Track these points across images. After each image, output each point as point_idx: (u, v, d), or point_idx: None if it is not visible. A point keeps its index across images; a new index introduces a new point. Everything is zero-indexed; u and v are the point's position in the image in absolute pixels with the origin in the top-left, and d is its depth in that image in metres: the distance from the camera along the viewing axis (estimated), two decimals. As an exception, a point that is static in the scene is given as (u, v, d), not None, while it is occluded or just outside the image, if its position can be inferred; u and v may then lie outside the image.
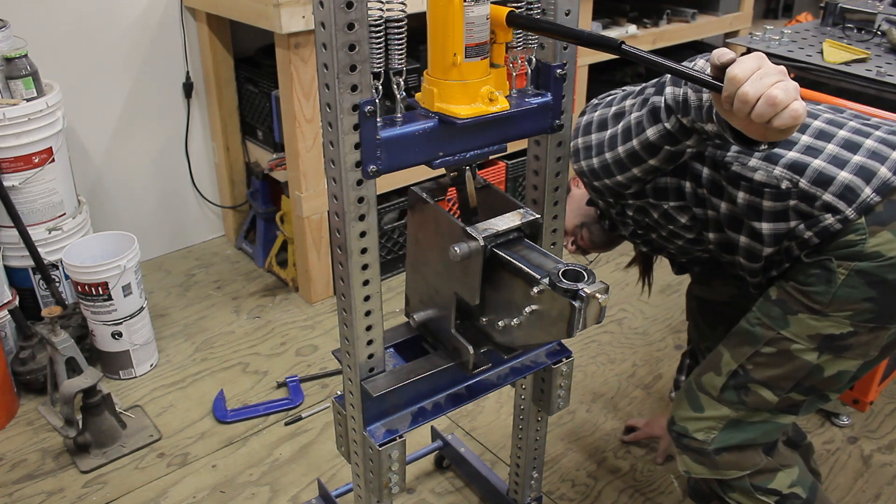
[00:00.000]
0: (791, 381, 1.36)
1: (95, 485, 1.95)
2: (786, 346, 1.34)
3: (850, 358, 1.33)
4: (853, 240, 1.26)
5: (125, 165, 2.77)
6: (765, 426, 1.41)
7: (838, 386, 1.37)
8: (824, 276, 1.29)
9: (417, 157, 1.07)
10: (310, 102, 2.38)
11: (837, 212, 1.26)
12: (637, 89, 1.35)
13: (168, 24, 2.67)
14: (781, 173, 1.29)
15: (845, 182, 1.26)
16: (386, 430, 1.24)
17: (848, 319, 1.29)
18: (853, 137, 1.31)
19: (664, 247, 1.58)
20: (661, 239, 1.55)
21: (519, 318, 1.11)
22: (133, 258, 2.21)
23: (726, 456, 1.43)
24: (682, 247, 1.53)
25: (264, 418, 2.17)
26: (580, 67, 3.03)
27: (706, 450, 1.43)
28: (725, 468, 1.44)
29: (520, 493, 1.70)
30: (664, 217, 1.46)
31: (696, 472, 1.48)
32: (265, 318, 2.62)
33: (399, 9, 1.00)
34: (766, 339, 1.36)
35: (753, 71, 0.93)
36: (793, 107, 0.92)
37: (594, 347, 2.48)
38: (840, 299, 1.28)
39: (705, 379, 1.45)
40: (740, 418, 1.41)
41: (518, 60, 1.12)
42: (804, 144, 1.31)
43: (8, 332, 2.26)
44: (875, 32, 2.29)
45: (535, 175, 1.31)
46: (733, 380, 1.40)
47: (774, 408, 1.39)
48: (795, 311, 1.33)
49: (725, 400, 1.41)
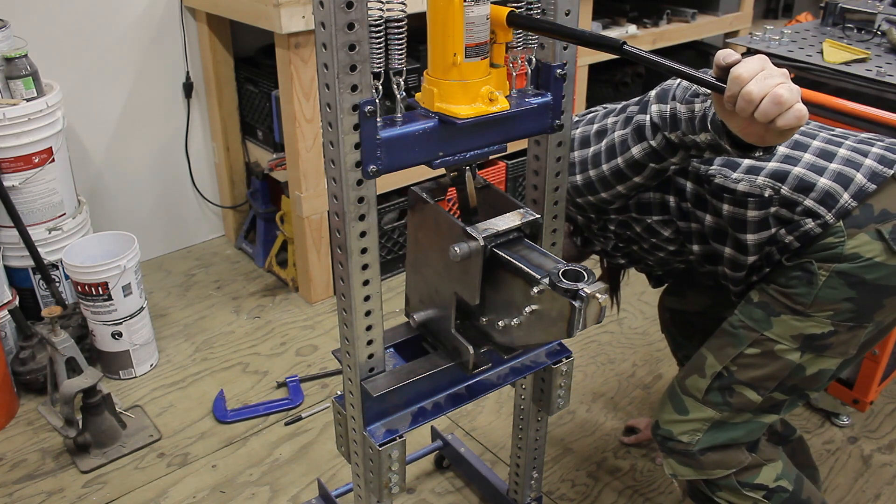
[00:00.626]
0: (774, 381, 1.38)
1: (95, 485, 1.95)
2: (769, 346, 1.37)
3: (831, 356, 1.36)
4: (832, 242, 1.30)
5: (125, 165, 2.77)
6: (748, 426, 1.43)
7: (818, 384, 1.40)
8: (806, 279, 1.32)
9: (417, 157, 1.07)
10: (310, 102, 2.38)
11: (818, 217, 1.30)
12: (619, 107, 1.39)
13: (168, 25, 2.67)
14: (764, 182, 1.33)
15: (825, 188, 1.30)
16: (386, 430, 1.24)
17: (829, 319, 1.32)
18: (827, 147, 1.36)
19: (644, 259, 1.61)
20: (642, 251, 1.57)
21: (519, 318, 1.11)
22: (133, 258, 2.21)
23: (711, 456, 1.44)
24: (662, 259, 1.56)
25: (264, 418, 2.17)
26: (580, 67, 3.03)
27: (691, 451, 1.45)
28: (711, 468, 1.45)
29: (520, 493, 1.70)
30: (647, 231, 1.49)
31: (682, 475, 1.50)
32: (265, 318, 2.62)
33: (399, 9, 1.00)
34: (750, 340, 1.38)
35: (758, 71, 0.95)
36: (797, 107, 0.94)
37: (594, 347, 2.48)
38: (821, 300, 1.31)
39: (689, 382, 1.46)
40: (724, 419, 1.43)
41: (518, 60, 1.12)
42: (782, 154, 1.36)
43: (8, 332, 2.26)
44: (875, 32, 2.29)
45: (535, 175, 1.31)
46: (718, 381, 1.42)
47: (758, 408, 1.41)
48: (778, 312, 1.35)
49: (710, 402, 1.43)
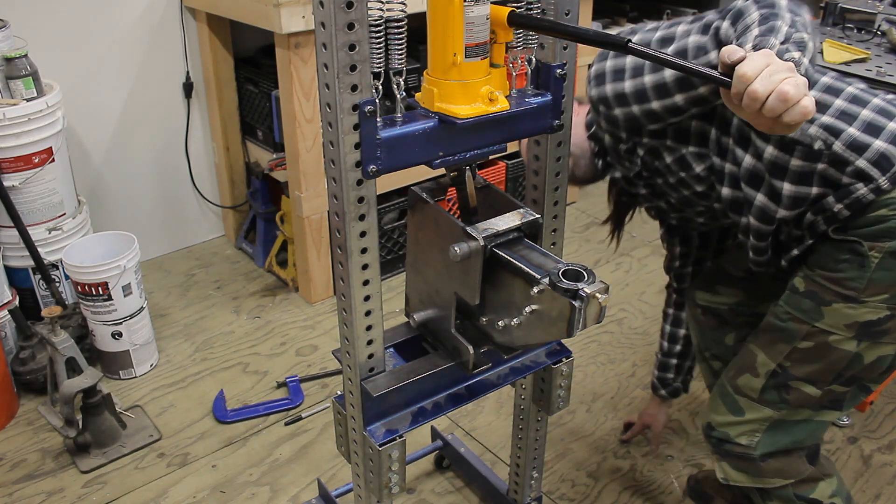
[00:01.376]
0: (832, 374, 1.33)
1: (95, 485, 1.95)
2: (823, 338, 1.30)
3: (889, 342, 1.30)
4: (885, 215, 1.22)
5: (125, 165, 2.77)
6: (808, 426, 1.38)
7: (878, 373, 1.34)
8: (856, 262, 1.25)
9: (417, 157, 1.07)
10: (310, 102, 2.38)
11: (870, 180, 1.21)
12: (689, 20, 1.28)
13: (168, 24, 2.67)
14: (817, 132, 1.23)
15: (881, 150, 1.21)
16: (386, 430, 1.24)
17: (884, 303, 1.26)
18: (887, 107, 1.26)
19: (665, 195, 1.50)
20: (666, 186, 1.47)
21: (519, 318, 1.11)
22: (133, 258, 2.21)
23: (772, 463, 1.39)
24: (685, 198, 1.46)
25: (264, 418, 2.17)
26: (580, 67, 3.03)
27: (751, 455, 1.39)
28: (770, 476, 1.40)
29: (520, 493, 1.70)
30: (678, 163, 1.39)
31: (735, 480, 1.44)
32: (265, 318, 2.62)
33: (399, 9, 1.00)
34: (802, 333, 1.32)
35: (763, 68, 0.93)
36: (803, 103, 0.93)
37: (594, 347, 2.48)
38: (875, 283, 1.24)
39: (742, 381, 1.40)
40: (783, 418, 1.38)
41: (518, 60, 1.12)
42: (838, 108, 1.25)
43: (8, 332, 2.26)
44: (875, 32, 2.29)
45: (535, 175, 1.31)
46: (773, 379, 1.36)
47: (817, 403, 1.36)
48: (829, 301, 1.28)
49: (766, 400, 1.37)
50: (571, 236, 3.12)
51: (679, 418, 2.16)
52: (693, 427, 2.13)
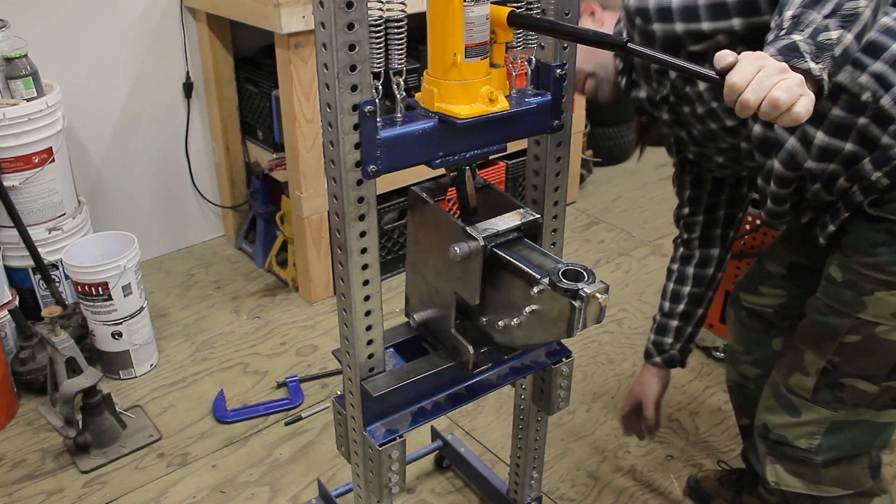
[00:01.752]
0: (886, 368, 1.24)
1: (95, 485, 1.95)
2: (870, 330, 1.22)
3: None
4: None
5: (125, 165, 2.77)
6: (871, 427, 1.30)
7: None
8: (894, 244, 1.17)
9: (417, 157, 1.07)
10: (310, 102, 2.38)
11: None
12: None
13: (168, 24, 2.67)
14: (867, 82, 1.14)
15: None
16: (386, 430, 1.24)
17: None
18: None
19: (689, 125, 1.40)
20: (692, 115, 1.37)
21: (519, 318, 1.11)
22: (133, 258, 2.21)
23: (833, 471, 1.32)
24: (711, 132, 1.37)
25: (264, 418, 2.17)
26: (580, 67, 3.02)
27: (813, 461, 1.32)
28: (829, 484, 1.33)
29: (520, 493, 1.70)
30: (712, 91, 1.29)
31: (788, 485, 1.36)
32: (265, 318, 2.62)
33: (399, 9, 1.00)
34: (847, 327, 1.24)
35: (752, 75, 0.90)
36: (795, 109, 0.89)
37: (594, 347, 2.48)
38: None
39: (793, 381, 1.33)
40: (843, 419, 1.30)
41: (518, 60, 1.12)
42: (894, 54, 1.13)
43: (8, 332, 2.26)
44: (875, 32, 2.28)
45: (535, 175, 1.31)
46: (824, 378, 1.28)
47: (875, 401, 1.27)
48: (870, 290, 1.20)
49: (821, 400, 1.30)
50: (571, 236, 3.12)
51: (679, 418, 2.16)
52: (693, 427, 2.13)
